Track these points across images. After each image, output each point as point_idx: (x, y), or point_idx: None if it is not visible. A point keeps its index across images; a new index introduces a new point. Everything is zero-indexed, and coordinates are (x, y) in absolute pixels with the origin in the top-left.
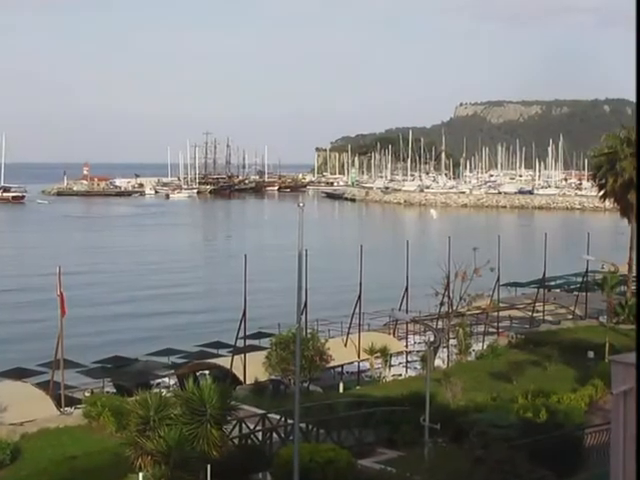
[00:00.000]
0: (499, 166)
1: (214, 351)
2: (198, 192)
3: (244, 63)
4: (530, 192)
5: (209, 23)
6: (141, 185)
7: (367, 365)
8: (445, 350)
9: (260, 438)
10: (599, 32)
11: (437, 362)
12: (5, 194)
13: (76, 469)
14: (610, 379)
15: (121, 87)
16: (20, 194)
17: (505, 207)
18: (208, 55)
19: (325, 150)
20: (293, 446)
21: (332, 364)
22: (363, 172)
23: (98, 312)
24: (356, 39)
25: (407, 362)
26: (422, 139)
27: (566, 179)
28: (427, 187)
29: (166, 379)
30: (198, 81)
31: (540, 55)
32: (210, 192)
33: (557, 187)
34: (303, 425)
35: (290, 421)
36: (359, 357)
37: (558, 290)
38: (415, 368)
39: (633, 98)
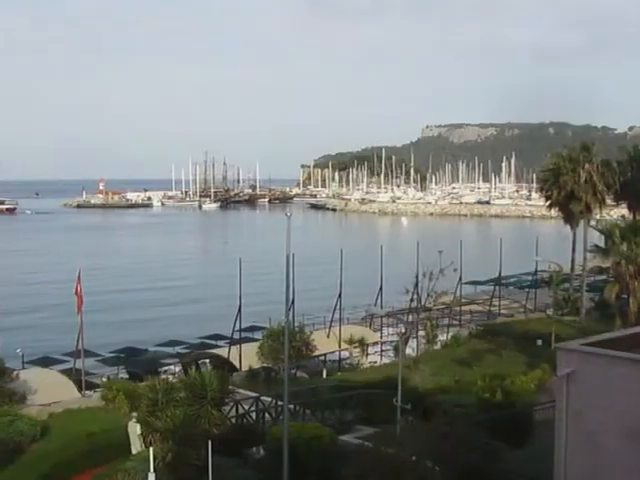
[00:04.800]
0: (460, 180)
1: (213, 342)
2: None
3: (241, 90)
4: (487, 202)
5: (206, 57)
6: (149, 198)
7: (347, 354)
8: (415, 340)
9: (254, 418)
10: (542, 66)
11: (408, 351)
12: (0, 206)
13: (95, 443)
14: (555, 363)
15: (133, 112)
16: (12, 206)
17: (466, 215)
18: (206, 81)
19: (309, 166)
20: (283, 425)
21: (316, 353)
22: (342, 185)
23: (115, 313)
24: (333, 70)
25: (382, 351)
26: (393, 157)
27: (518, 191)
28: (398, 198)
29: (172, 367)
30: (199, 105)
31: (495, 85)
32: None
33: (510, 198)
34: (291, 406)
35: (280, 403)
36: (340, 347)
37: (512, 287)
38: (389, 356)
39: (573, 122)
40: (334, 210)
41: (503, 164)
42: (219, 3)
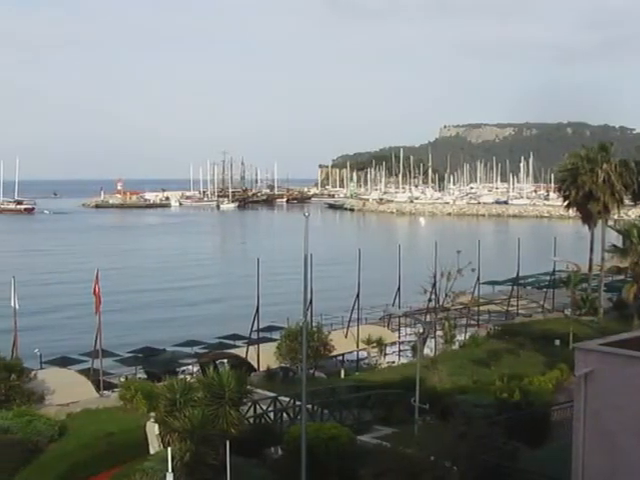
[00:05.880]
0: (478, 180)
1: (231, 342)
2: (239, 203)
3: (259, 90)
4: (505, 202)
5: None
6: (167, 198)
7: (365, 354)
8: (433, 340)
9: (272, 418)
10: (560, 66)
11: (426, 351)
12: (18, 206)
13: (114, 444)
14: (573, 363)
15: (151, 113)
16: (30, 206)
17: (484, 215)
18: (224, 81)
19: (327, 166)
20: (301, 424)
21: (334, 353)
22: (360, 185)
23: (133, 313)
24: (350, 70)
25: (400, 351)
26: (411, 157)
27: (536, 191)
28: (416, 198)
29: (190, 367)
30: (215, 106)
31: (513, 85)
32: (239, 202)
33: (528, 198)
34: (309, 406)
35: (298, 403)
36: (358, 347)
37: (530, 287)
38: (407, 356)
39: (591, 122)
40: (352, 210)
41: (521, 164)
42: (234, 3)
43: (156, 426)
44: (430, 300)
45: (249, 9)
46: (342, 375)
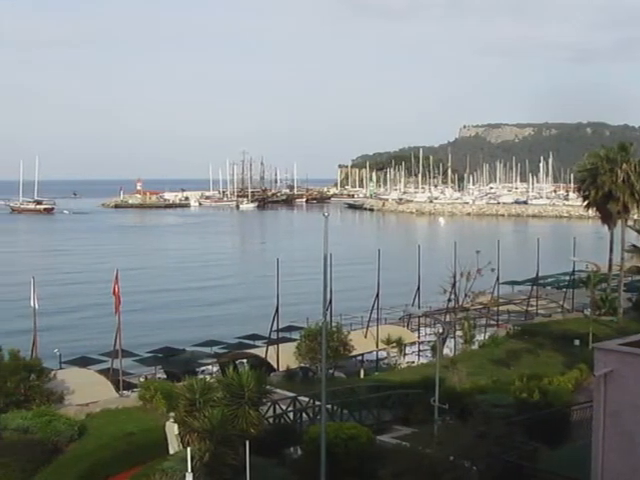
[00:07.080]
0: (498, 180)
1: (251, 342)
2: (258, 203)
3: (278, 90)
4: (525, 202)
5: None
6: (187, 198)
7: (384, 354)
8: (452, 340)
9: (291, 418)
10: (579, 66)
11: (445, 351)
12: (38, 206)
13: (133, 444)
14: (593, 363)
15: (170, 113)
16: (50, 206)
17: (503, 215)
18: (244, 81)
19: (347, 166)
20: (320, 424)
21: (354, 353)
22: (380, 185)
23: (153, 313)
24: (370, 69)
25: (419, 351)
26: (431, 157)
27: (555, 191)
28: (436, 198)
29: (210, 367)
30: (234, 106)
31: (532, 85)
32: (259, 202)
33: (547, 198)
34: (329, 406)
35: (317, 403)
36: (377, 347)
37: (549, 287)
38: (426, 356)
39: (610, 122)
40: (371, 210)
41: (540, 164)
42: (252, 2)
43: (175, 426)
44: (450, 300)
45: (265, 6)
46: (362, 375)
